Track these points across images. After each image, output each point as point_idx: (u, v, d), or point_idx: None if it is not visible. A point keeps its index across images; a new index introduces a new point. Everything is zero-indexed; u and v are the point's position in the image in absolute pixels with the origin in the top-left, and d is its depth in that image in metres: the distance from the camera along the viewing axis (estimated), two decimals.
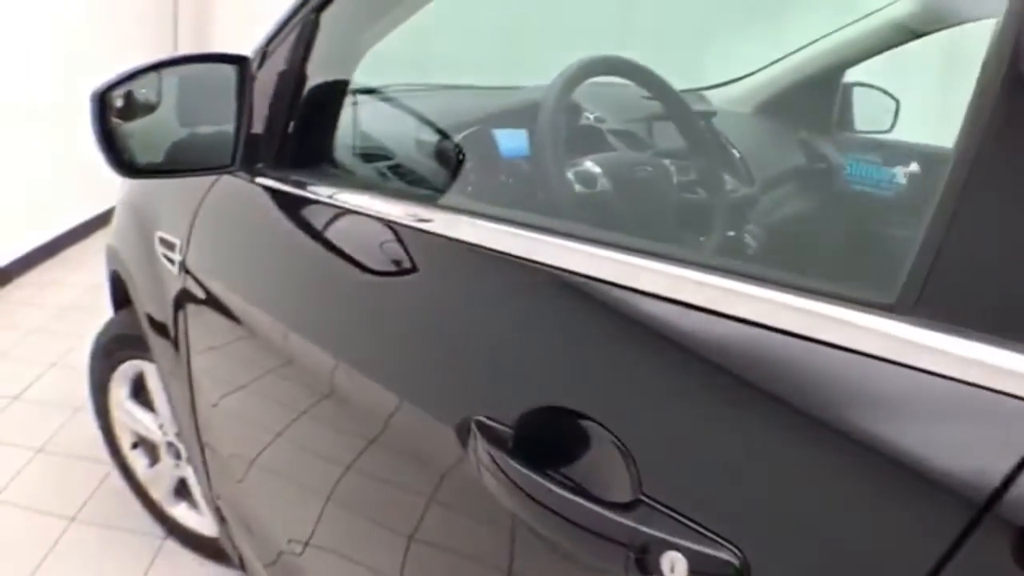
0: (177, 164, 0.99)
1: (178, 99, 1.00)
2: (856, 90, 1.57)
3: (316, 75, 1.04)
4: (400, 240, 0.80)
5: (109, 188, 1.64)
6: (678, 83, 1.38)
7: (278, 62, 1.05)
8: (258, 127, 1.04)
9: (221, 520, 1.35)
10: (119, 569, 1.64)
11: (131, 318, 1.49)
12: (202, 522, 1.60)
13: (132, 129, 0.97)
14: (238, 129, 0.99)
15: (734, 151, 1.29)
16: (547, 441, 0.57)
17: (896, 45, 1.49)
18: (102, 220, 3.58)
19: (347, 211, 0.91)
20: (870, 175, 1.36)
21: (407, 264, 0.80)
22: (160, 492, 1.67)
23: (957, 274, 0.43)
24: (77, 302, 3.04)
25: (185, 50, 4.15)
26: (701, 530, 0.48)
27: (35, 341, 2.70)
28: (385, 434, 0.77)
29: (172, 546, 1.70)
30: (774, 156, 1.46)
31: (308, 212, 0.97)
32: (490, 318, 0.68)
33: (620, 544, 0.50)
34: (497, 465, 0.57)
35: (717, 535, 0.48)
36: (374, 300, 0.82)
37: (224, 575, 1.61)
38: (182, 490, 1.64)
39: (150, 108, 0.99)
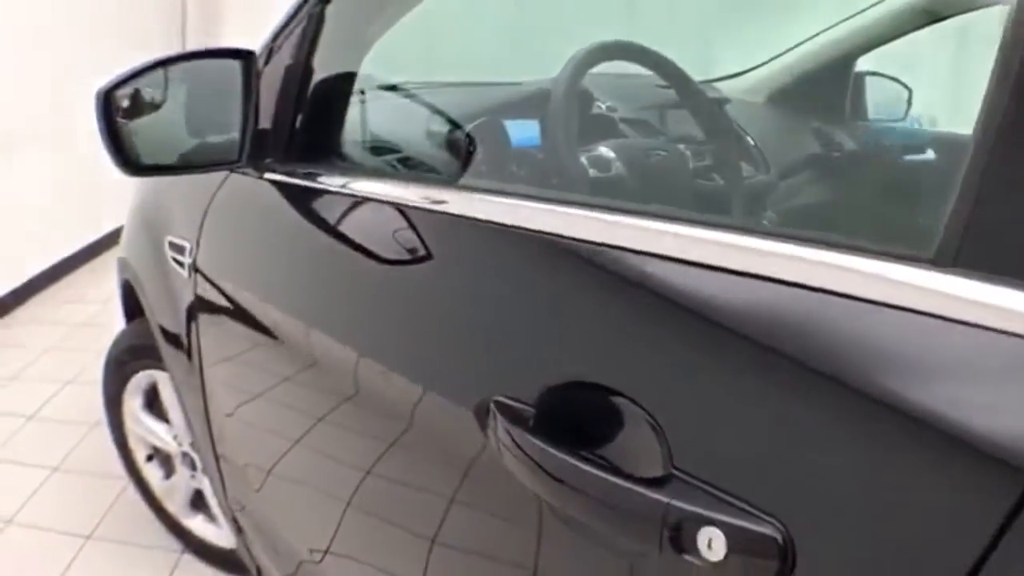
0: (183, 161, 0.97)
1: (184, 96, 0.99)
2: (869, 79, 1.54)
3: (322, 69, 1.02)
4: (414, 224, 0.77)
5: (121, 206, 1.64)
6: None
7: (284, 56, 1.04)
8: (265, 122, 1.03)
9: (238, 530, 1.32)
10: None
11: (143, 328, 1.47)
12: (219, 534, 1.58)
13: (138, 127, 0.96)
14: (244, 124, 0.98)
15: (748, 138, 1.27)
16: (570, 417, 0.54)
17: (914, 29, 1.46)
18: (116, 236, 3.58)
19: (358, 199, 0.89)
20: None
21: (423, 248, 0.77)
22: (176, 505, 1.64)
23: (998, 223, 0.40)
24: (94, 319, 3.03)
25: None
26: (739, 504, 0.45)
27: (51, 359, 2.70)
28: (408, 432, 0.74)
29: (189, 560, 1.67)
30: (788, 144, 1.43)
31: (318, 204, 0.96)
32: (509, 295, 0.65)
33: (652, 521, 0.47)
34: (518, 445, 0.54)
35: (757, 508, 0.45)
36: (391, 288, 0.80)
37: None
38: (198, 502, 1.62)
39: (155, 106, 0.98)
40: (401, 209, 0.80)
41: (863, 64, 1.53)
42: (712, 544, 0.45)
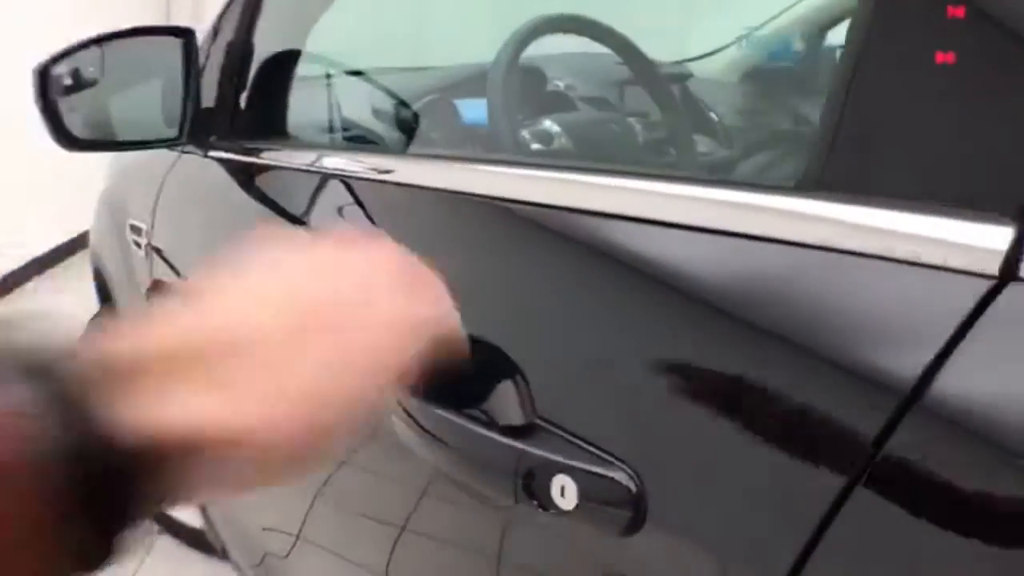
0: (123, 137, 0.98)
1: (124, 73, 0.99)
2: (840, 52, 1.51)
3: (265, 46, 1.02)
4: (355, 195, 0.76)
5: None
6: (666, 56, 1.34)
7: (227, 34, 1.04)
8: (208, 101, 1.02)
9: (205, 515, 1.32)
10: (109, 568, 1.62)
11: (111, 313, 1.48)
12: (190, 514, 1.58)
13: (77, 103, 0.96)
14: (185, 102, 0.98)
15: (712, 114, 1.24)
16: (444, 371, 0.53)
17: None
18: None
19: (300, 173, 0.87)
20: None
21: (362, 217, 0.76)
22: None
23: (859, 146, 0.39)
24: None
25: None
26: (594, 451, 0.44)
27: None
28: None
29: (165, 542, 1.67)
30: (759, 122, 1.40)
31: (260, 180, 0.95)
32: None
33: (508, 471, 0.46)
34: (400, 404, 0.53)
35: (610, 455, 0.43)
36: None
37: (216, 573, 1.58)
38: None
39: (95, 82, 0.98)
40: (342, 180, 0.79)
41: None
42: (565, 492, 0.44)
